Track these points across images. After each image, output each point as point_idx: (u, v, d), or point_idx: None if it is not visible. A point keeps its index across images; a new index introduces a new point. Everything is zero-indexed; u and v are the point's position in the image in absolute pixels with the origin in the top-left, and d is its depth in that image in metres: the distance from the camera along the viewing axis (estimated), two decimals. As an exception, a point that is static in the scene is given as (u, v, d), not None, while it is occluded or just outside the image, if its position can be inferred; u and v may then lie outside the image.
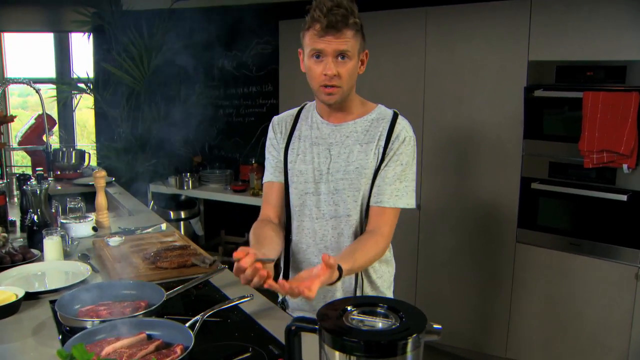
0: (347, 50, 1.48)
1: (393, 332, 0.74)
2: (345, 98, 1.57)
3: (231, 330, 1.49)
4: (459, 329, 3.36)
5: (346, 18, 1.46)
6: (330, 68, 1.48)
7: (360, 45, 1.54)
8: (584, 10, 2.70)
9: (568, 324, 2.91)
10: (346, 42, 1.47)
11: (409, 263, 3.49)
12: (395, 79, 3.40)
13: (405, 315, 0.78)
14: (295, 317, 0.83)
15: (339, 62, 1.49)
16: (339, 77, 1.50)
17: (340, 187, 1.59)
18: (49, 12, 5.72)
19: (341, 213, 1.60)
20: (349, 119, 1.63)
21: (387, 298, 0.87)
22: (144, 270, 1.85)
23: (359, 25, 1.51)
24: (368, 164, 1.57)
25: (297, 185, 1.64)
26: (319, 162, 1.61)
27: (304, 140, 1.65)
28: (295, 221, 1.67)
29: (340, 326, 0.74)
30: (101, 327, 1.34)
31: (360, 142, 1.59)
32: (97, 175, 2.50)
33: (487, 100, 3.08)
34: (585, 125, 2.65)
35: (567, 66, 2.76)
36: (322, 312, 0.79)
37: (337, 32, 1.45)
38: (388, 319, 0.78)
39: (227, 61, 5.10)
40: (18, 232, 2.40)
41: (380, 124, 1.60)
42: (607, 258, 2.73)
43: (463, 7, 3.11)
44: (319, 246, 1.64)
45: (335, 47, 1.47)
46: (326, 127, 1.64)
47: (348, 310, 0.79)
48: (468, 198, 3.22)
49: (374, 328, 0.76)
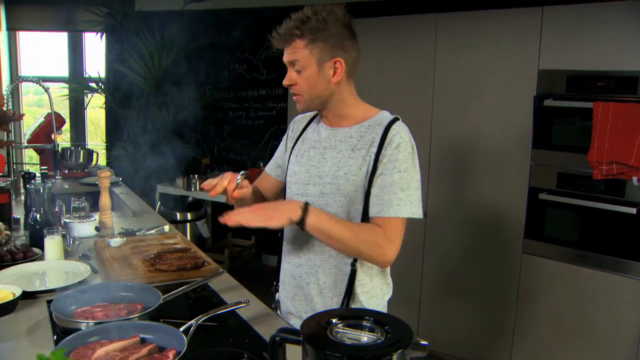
0: (297, 60, 1.52)
1: (378, 347, 0.72)
2: (314, 106, 1.59)
3: (227, 335, 1.48)
4: (464, 339, 3.32)
5: (292, 29, 1.50)
6: (286, 78, 1.56)
7: (322, 54, 1.50)
8: (596, 20, 2.67)
9: (574, 338, 2.87)
10: (295, 52, 1.52)
11: (414, 271, 3.46)
12: (404, 85, 3.38)
13: (392, 330, 0.76)
14: (280, 328, 0.81)
15: (295, 73, 1.54)
16: (296, 86, 1.55)
17: (327, 191, 1.58)
18: (63, 12, 5.77)
19: None
20: (346, 124, 1.61)
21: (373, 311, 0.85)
22: (143, 272, 1.85)
23: (316, 34, 1.49)
24: (356, 171, 1.54)
25: (290, 186, 1.67)
26: (311, 165, 1.62)
27: (305, 143, 1.68)
28: None
29: (323, 340, 0.72)
30: (95, 329, 1.33)
31: (352, 148, 1.57)
32: (101, 176, 2.50)
33: (496, 108, 3.05)
34: (595, 136, 2.62)
35: (577, 76, 2.72)
36: (306, 324, 0.77)
37: (285, 43, 1.53)
38: (374, 333, 0.76)
39: (237, 64, 5.11)
40: (22, 230, 2.41)
41: (375, 130, 1.56)
42: (614, 272, 2.69)
43: (474, 14, 3.09)
44: (302, 248, 1.64)
45: (286, 57, 1.54)
46: (324, 131, 1.65)
47: (333, 322, 0.77)
48: (475, 207, 3.19)
49: (359, 342, 0.75)
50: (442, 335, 3.42)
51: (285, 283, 1.73)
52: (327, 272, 1.62)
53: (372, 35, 3.48)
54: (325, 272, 1.62)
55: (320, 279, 1.62)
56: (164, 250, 2.00)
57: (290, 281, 1.69)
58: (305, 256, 1.64)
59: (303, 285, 1.66)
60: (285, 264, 1.71)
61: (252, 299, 1.70)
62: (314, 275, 1.63)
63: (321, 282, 1.63)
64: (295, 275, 1.68)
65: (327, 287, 1.63)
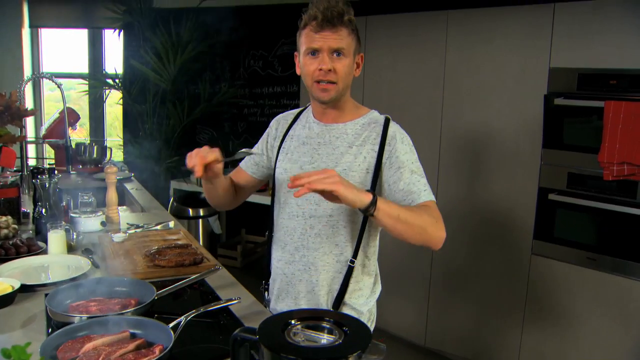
0: (343, 48, 1.51)
1: (334, 349, 0.72)
2: (340, 98, 1.57)
3: (218, 332, 1.49)
4: (471, 339, 3.29)
5: (342, 16, 1.49)
6: (325, 62, 1.49)
7: (356, 47, 1.56)
8: (608, 17, 2.61)
9: (582, 340, 2.82)
10: (341, 40, 1.50)
11: (422, 270, 3.44)
12: (415, 81, 3.35)
13: (350, 331, 0.75)
14: (242, 328, 0.81)
15: (335, 59, 1.51)
16: (335, 73, 1.51)
17: None
18: (84, 9, 5.87)
19: (321, 213, 1.59)
20: (340, 120, 1.63)
21: (333, 312, 0.84)
22: (142, 268, 1.86)
23: (354, 25, 1.54)
24: (356, 167, 1.56)
25: (282, 183, 1.67)
26: (304, 161, 1.62)
27: (295, 140, 1.67)
28: (279, 219, 1.69)
29: (279, 341, 0.72)
30: (84, 323, 1.35)
31: (350, 145, 1.58)
32: (107, 171, 2.53)
33: (506, 107, 3.01)
34: (605, 136, 2.56)
35: (589, 74, 2.67)
36: (265, 324, 0.77)
37: (333, 27, 1.49)
38: (332, 334, 0.76)
39: (253, 60, 5.12)
40: (30, 224, 2.45)
41: (373, 128, 1.60)
42: (624, 275, 2.63)
43: (484, 11, 3.05)
44: (295, 244, 1.64)
45: (331, 43, 1.49)
46: (317, 127, 1.64)
47: (292, 324, 0.77)
48: (484, 206, 3.15)
49: (315, 344, 0.74)
50: (450, 335, 3.39)
51: (275, 281, 1.73)
52: (320, 269, 1.62)
53: (384, 32, 3.46)
54: (318, 270, 1.62)
55: (312, 276, 1.62)
56: (165, 246, 2.02)
57: (282, 279, 1.69)
58: (299, 253, 1.63)
59: (295, 282, 1.66)
60: (276, 262, 1.71)
61: (247, 295, 1.71)
62: (307, 273, 1.63)
63: (314, 280, 1.63)
64: (287, 273, 1.67)
65: (320, 284, 1.62)
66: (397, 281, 3.42)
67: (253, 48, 5.09)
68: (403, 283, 3.49)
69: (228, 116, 5.28)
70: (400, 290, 3.43)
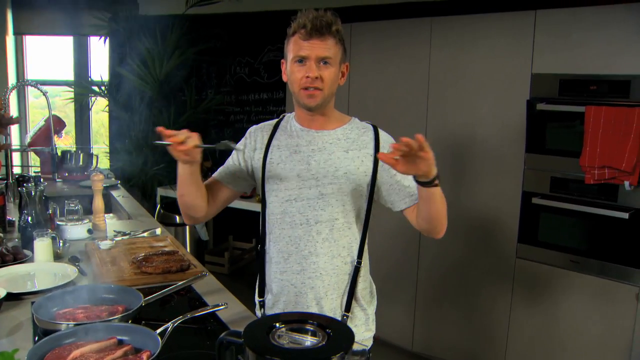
0: (329, 57, 1.54)
1: (317, 350, 0.73)
2: (326, 104, 1.61)
3: (205, 338, 1.50)
4: (458, 343, 3.32)
5: (330, 25, 1.53)
6: (312, 70, 1.53)
7: (342, 56, 1.60)
8: (588, 24, 2.66)
9: (567, 342, 2.86)
10: (328, 49, 1.54)
11: (408, 276, 3.47)
12: (400, 87, 3.39)
13: (333, 334, 0.77)
14: (227, 331, 0.83)
15: (321, 67, 1.54)
16: (321, 80, 1.54)
17: (329, 192, 1.60)
18: (69, 16, 5.84)
19: (327, 218, 1.61)
20: (329, 127, 1.66)
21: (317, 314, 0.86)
22: (128, 275, 1.87)
23: (341, 36, 1.58)
24: (356, 170, 1.61)
25: (277, 194, 1.64)
26: (301, 169, 1.62)
27: (283, 149, 1.66)
28: (276, 230, 1.66)
29: (263, 344, 0.74)
30: (72, 330, 1.35)
31: (345, 149, 1.62)
32: (94, 179, 2.53)
33: (490, 112, 3.05)
34: (587, 140, 2.61)
35: (570, 80, 2.72)
36: (250, 327, 0.79)
37: (321, 36, 1.52)
38: (315, 336, 0.78)
39: (239, 67, 5.13)
40: (16, 232, 2.44)
41: (365, 133, 1.66)
42: (607, 277, 2.68)
43: (468, 18, 3.09)
44: (302, 253, 1.63)
45: (318, 52, 1.53)
46: (307, 134, 1.65)
47: (276, 327, 0.78)
48: (469, 211, 3.18)
49: (299, 346, 0.76)
50: (437, 339, 3.41)
51: (281, 295, 1.68)
52: (331, 273, 1.63)
53: (369, 39, 3.50)
54: (329, 274, 1.63)
55: (325, 281, 1.63)
56: (152, 253, 2.02)
57: (290, 291, 1.65)
58: (307, 261, 1.63)
59: (306, 291, 1.64)
60: (280, 274, 1.67)
61: (234, 301, 1.72)
62: (319, 279, 1.63)
63: (326, 284, 1.63)
64: (295, 283, 1.64)
65: (332, 288, 1.64)
66: (385, 286, 3.43)
67: (239, 55, 5.10)
68: (390, 287, 3.51)
69: (215, 123, 5.28)
70: (388, 294, 3.45)
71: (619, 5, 2.58)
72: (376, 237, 2.80)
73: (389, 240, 3.40)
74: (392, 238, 3.41)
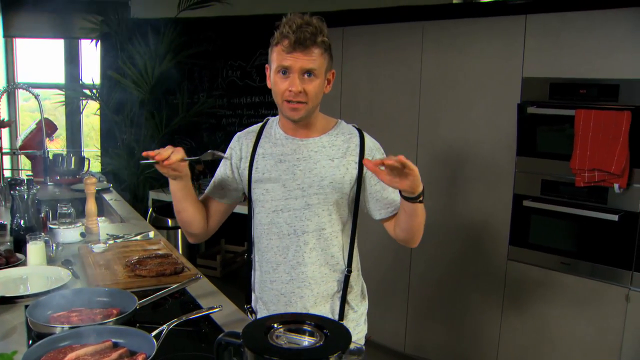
0: (314, 69, 1.50)
1: (315, 350, 0.74)
2: (310, 115, 1.58)
3: (199, 340, 1.50)
4: (450, 346, 3.34)
5: (314, 36, 1.48)
6: (295, 84, 1.49)
7: (328, 65, 1.55)
8: (578, 28, 2.69)
9: (558, 343, 2.88)
10: (313, 61, 1.49)
11: (401, 279, 3.48)
12: (392, 92, 3.41)
13: (330, 333, 0.78)
14: (225, 332, 0.83)
15: (305, 79, 1.50)
16: (305, 94, 1.50)
17: (314, 202, 1.59)
18: (60, 19, 5.83)
19: (314, 228, 1.60)
20: (314, 134, 1.63)
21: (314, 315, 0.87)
22: (122, 278, 1.87)
23: (327, 45, 1.53)
24: (342, 179, 1.59)
25: (264, 204, 1.63)
26: (285, 179, 1.60)
27: (268, 158, 1.63)
28: (264, 240, 1.66)
29: (262, 344, 0.75)
30: (67, 333, 1.35)
31: (330, 157, 1.60)
32: (87, 182, 2.53)
33: (482, 116, 3.07)
34: (577, 144, 2.64)
35: (560, 83, 2.74)
36: (248, 328, 0.80)
37: (305, 49, 1.47)
38: (313, 337, 0.79)
39: (230, 71, 5.14)
40: (8, 236, 2.43)
41: (350, 139, 1.63)
42: (597, 278, 2.70)
43: (459, 22, 3.12)
44: (291, 262, 1.63)
45: (302, 64, 1.48)
46: (291, 143, 1.62)
47: (274, 327, 0.79)
48: (460, 214, 3.21)
49: (297, 346, 0.77)
50: (429, 341, 3.43)
51: (270, 303, 1.68)
52: (319, 281, 1.63)
53: (361, 43, 3.52)
54: (318, 282, 1.63)
55: (314, 289, 1.63)
56: (146, 256, 2.03)
57: (279, 299, 1.66)
58: (295, 271, 1.62)
59: (295, 300, 1.64)
60: (269, 283, 1.67)
61: (228, 304, 1.72)
62: (308, 288, 1.62)
63: (315, 293, 1.63)
64: (285, 292, 1.64)
65: (321, 296, 1.64)
66: (377, 288, 3.45)
67: (231, 58, 5.10)
68: (382, 290, 3.52)
69: (206, 126, 5.28)
70: (380, 297, 3.46)
71: (609, 10, 2.61)
72: (368, 240, 2.82)
73: (381, 244, 3.41)
74: (384, 241, 3.41)
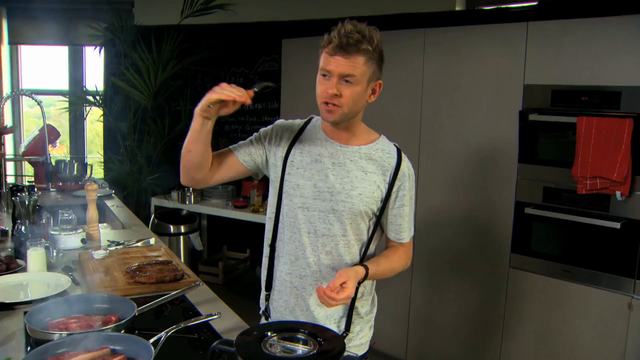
0: (353, 75, 1.49)
1: (308, 358, 0.74)
2: (347, 120, 1.59)
3: (198, 347, 1.50)
4: (452, 352, 3.32)
5: (359, 43, 1.48)
6: (332, 88, 1.50)
7: (372, 74, 1.55)
8: (580, 35, 2.69)
9: (560, 352, 2.86)
10: (354, 67, 1.49)
11: (403, 285, 3.47)
12: (393, 98, 3.40)
13: (324, 342, 0.78)
14: (220, 340, 0.83)
15: (343, 84, 1.51)
16: (340, 97, 1.51)
17: (340, 208, 1.60)
18: (64, 26, 5.87)
19: (334, 233, 1.62)
20: (354, 142, 1.64)
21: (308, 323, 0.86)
22: (122, 284, 1.87)
23: (374, 54, 1.52)
24: (371, 194, 1.61)
25: (292, 198, 1.65)
26: (318, 179, 1.62)
27: (306, 155, 1.64)
28: (287, 232, 1.67)
29: (255, 352, 0.74)
30: (65, 340, 1.35)
31: (364, 170, 1.62)
32: (88, 189, 2.53)
33: (483, 123, 3.07)
34: (578, 151, 2.63)
35: (562, 90, 2.74)
36: (242, 336, 0.79)
37: (347, 54, 1.48)
38: (307, 345, 0.78)
39: (234, 77, 5.15)
40: (9, 242, 2.43)
41: (387, 159, 1.64)
42: (599, 286, 2.69)
43: (461, 29, 3.12)
44: (308, 260, 1.65)
45: (342, 69, 1.49)
46: (330, 146, 1.64)
47: (268, 335, 0.79)
48: (462, 220, 3.20)
49: (291, 355, 0.76)
50: (431, 349, 3.41)
51: (283, 293, 1.70)
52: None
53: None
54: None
55: None
56: (146, 263, 2.03)
57: (291, 292, 1.68)
58: (311, 269, 1.64)
59: (305, 296, 1.66)
60: (285, 274, 1.69)
61: (227, 311, 1.72)
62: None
63: None
64: (297, 286, 1.67)
65: None
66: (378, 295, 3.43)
67: (234, 65, 5.12)
68: (384, 297, 3.50)
69: (209, 133, 5.29)
70: (381, 304, 3.44)
71: (610, 18, 2.61)
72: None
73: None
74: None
